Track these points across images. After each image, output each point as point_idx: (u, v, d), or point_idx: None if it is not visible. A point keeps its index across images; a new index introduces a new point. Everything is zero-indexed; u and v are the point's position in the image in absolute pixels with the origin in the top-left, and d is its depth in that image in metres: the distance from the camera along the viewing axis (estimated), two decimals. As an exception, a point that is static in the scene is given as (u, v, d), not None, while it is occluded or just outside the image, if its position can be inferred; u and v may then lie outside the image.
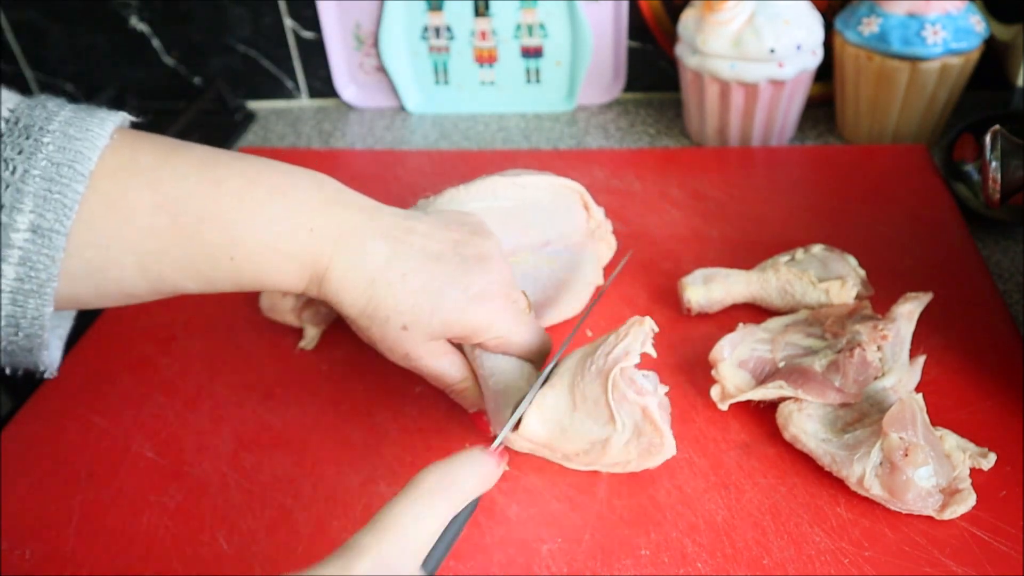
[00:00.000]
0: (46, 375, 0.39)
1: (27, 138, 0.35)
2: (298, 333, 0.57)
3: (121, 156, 0.37)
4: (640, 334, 0.43)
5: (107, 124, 0.37)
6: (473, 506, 0.37)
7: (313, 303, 0.57)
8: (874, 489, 0.42)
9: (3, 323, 0.35)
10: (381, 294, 0.42)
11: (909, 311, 0.50)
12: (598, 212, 0.57)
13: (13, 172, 0.34)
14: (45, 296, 0.35)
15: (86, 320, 0.60)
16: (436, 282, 0.43)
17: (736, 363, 0.49)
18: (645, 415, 0.42)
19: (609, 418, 0.43)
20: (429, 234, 0.44)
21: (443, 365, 0.46)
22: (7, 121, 0.35)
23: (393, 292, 0.42)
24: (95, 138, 0.36)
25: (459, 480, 0.35)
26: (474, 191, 0.53)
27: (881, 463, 0.42)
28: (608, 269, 0.59)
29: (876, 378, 0.47)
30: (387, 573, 0.31)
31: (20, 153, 0.34)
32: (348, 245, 0.42)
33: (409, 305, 0.42)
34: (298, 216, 0.41)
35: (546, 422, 0.44)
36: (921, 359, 0.49)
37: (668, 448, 0.43)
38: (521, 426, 0.44)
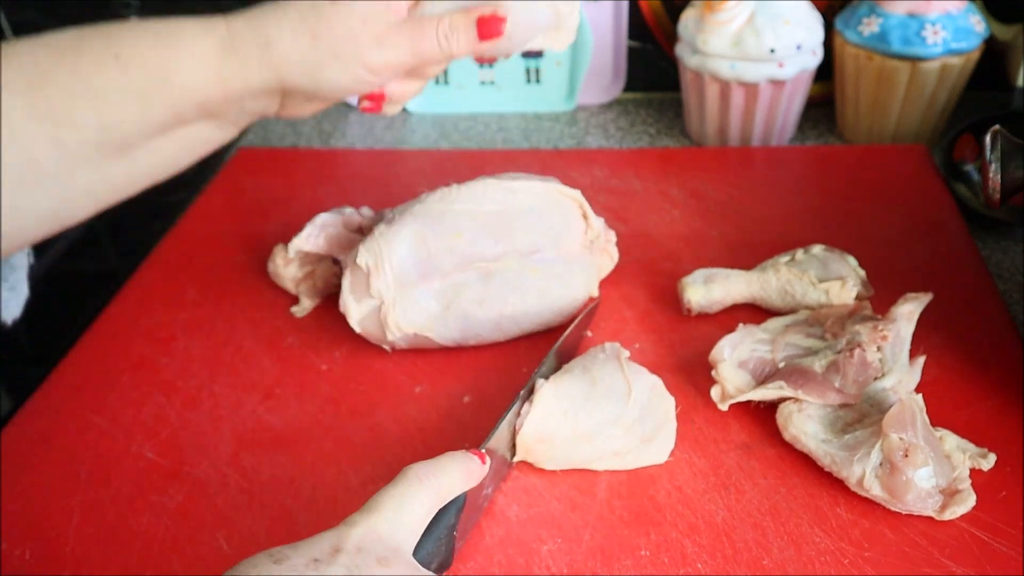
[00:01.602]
0: None
1: None
2: (298, 334, 0.57)
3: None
4: None
5: None
6: (461, 503, 0.38)
7: (311, 276, 0.58)
8: (874, 490, 0.42)
9: None
10: (288, 6, 0.40)
11: (909, 311, 0.50)
12: (597, 222, 0.56)
13: None
14: None
15: (86, 320, 0.60)
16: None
17: (736, 363, 0.49)
18: (655, 390, 0.46)
19: (626, 391, 0.46)
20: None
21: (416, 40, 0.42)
22: None
23: (295, 4, 0.40)
24: None
25: (444, 472, 0.36)
26: (464, 192, 0.53)
27: (881, 464, 0.42)
28: (604, 284, 0.58)
29: (876, 379, 0.47)
30: (378, 543, 0.32)
31: None
32: (236, 16, 0.40)
33: None
34: (182, 20, 0.39)
35: (561, 397, 0.46)
36: (921, 360, 0.49)
37: (669, 432, 0.45)
38: (536, 397, 0.45)
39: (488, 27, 0.42)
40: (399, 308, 0.51)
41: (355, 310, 0.52)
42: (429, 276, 0.51)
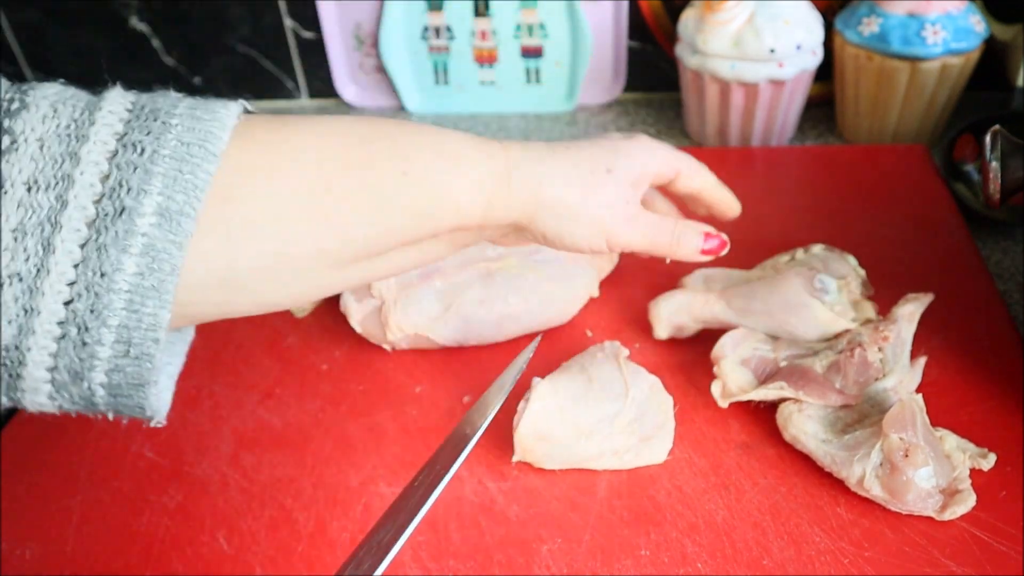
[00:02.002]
0: (153, 422, 0.35)
1: (155, 120, 0.32)
2: (298, 334, 0.57)
3: (259, 125, 0.35)
4: None
5: (232, 106, 0.34)
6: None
7: None
8: (874, 490, 0.42)
9: (113, 338, 0.31)
10: (570, 152, 0.42)
11: (910, 312, 0.50)
12: None
13: (141, 153, 0.31)
14: (165, 296, 0.31)
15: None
16: (603, 139, 0.45)
17: (738, 361, 0.49)
18: (653, 389, 0.47)
19: (623, 390, 0.46)
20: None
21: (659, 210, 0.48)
22: (130, 111, 0.32)
23: (573, 151, 0.42)
24: (224, 118, 0.33)
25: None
26: None
27: (881, 464, 0.42)
28: (604, 284, 0.58)
29: (877, 379, 0.47)
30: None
31: (148, 134, 0.31)
32: (514, 145, 0.41)
33: (597, 151, 0.43)
34: (463, 136, 0.40)
35: (557, 395, 0.46)
36: (922, 360, 0.49)
37: (667, 431, 0.46)
38: (532, 395, 0.46)
39: (713, 242, 0.47)
40: (400, 308, 0.51)
41: (356, 310, 0.52)
42: (430, 276, 0.52)
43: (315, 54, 0.88)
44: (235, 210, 0.33)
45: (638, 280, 0.59)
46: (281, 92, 0.92)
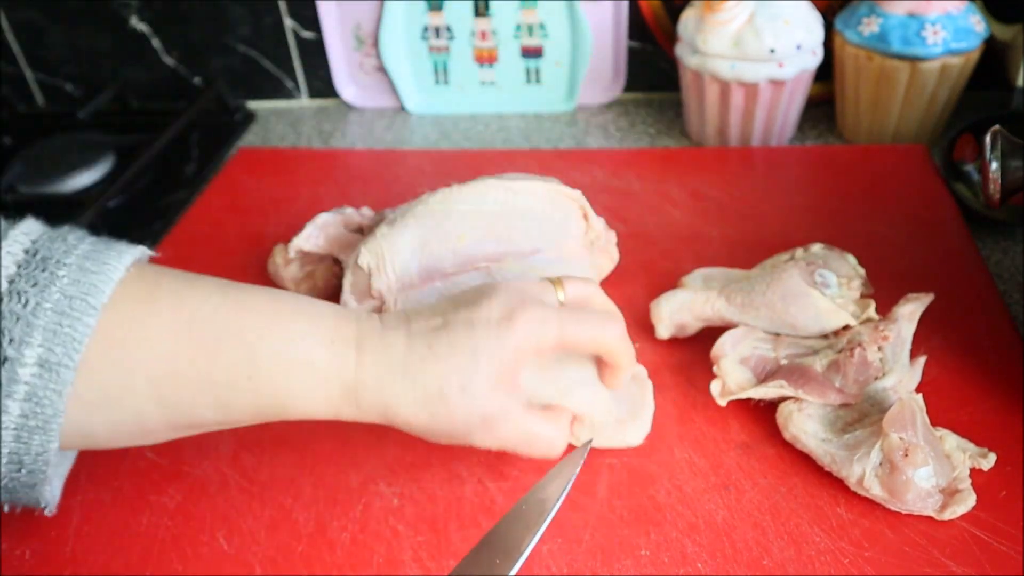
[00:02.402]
0: (46, 512, 0.39)
1: (43, 271, 0.34)
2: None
3: (141, 284, 0.37)
4: None
5: (124, 257, 0.37)
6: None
7: (311, 276, 0.58)
8: (874, 489, 0.42)
9: (4, 460, 0.35)
10: (420, 374, 0.39)
11: (910, 312, 0.50)
12: (597, 223, 0.56)
13: (25, 305, 0.34)
14: (51, 432, 0.35)
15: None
16: (459, 334, 0.39)
17: (738, 360, 0.49)
18: (635, 378, 0.48)
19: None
20: (431, 309, 0.42)
21: (530, 422, 0.41)
22: (26, 253, 0.35)
23: (429, 365, 0.39)
24: (111, 271, 0.36)
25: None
26: (466, 192, 0.53)
27: (881, 463, 0.42)
28: (604, 284, 0.58)
29: (876, 378, 0.47)
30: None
31: (34, 286, 0.34)
32: (370, 345, 0.39)
33: (451, 366, 0.39)
34: (319, 330, 0.39)
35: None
36: (921, 360, 0.49)
37: (646, 416, 0.47)
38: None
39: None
40: (399, 308, 0.51)
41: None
42: (430, 277, 0.51)
43: (315, 54, 0.88)
44: (93, 382, 0.35)
45: (638, 280, 0.59)
46: (281, 92, 0.92)
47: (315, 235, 0.57)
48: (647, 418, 0.47)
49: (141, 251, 0.38)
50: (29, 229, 0.36)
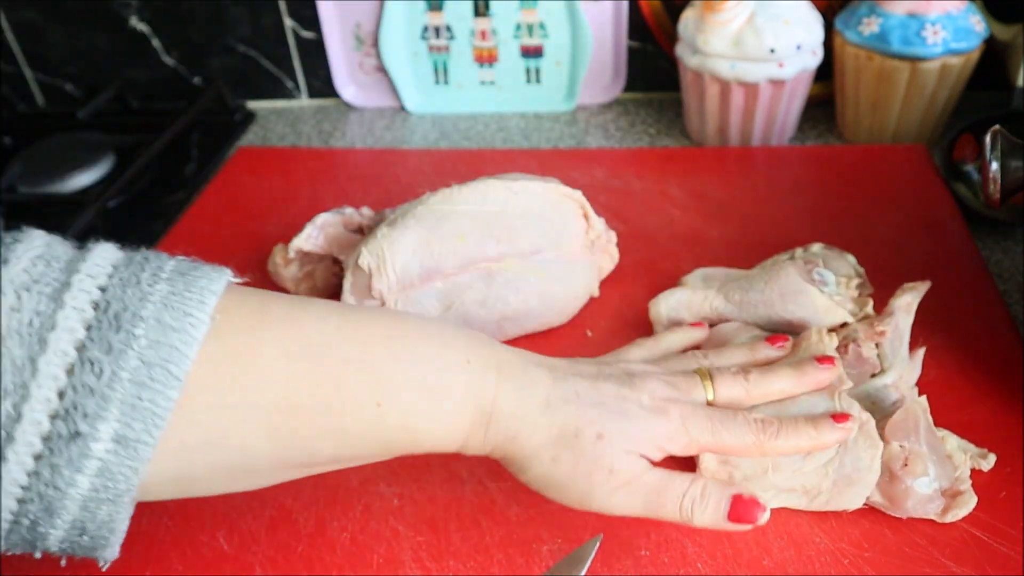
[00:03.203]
0: (102, 568, 0.35)
1: (117, 331, 0.30)
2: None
3: (245, 311, 0.34)
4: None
5: (207, 298, 0.32)
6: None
7: (311, 276, 0.58)
8: (874, 497, 0.42)
9: (67, 526, 0.31)
10: (561, 412, 0.37)
11: (907, 303, 0.50)
12: (598, 223, 0.56)
13: (100, 376, 0.29)
14: (121, 505, 0.31)
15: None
16: (609, 395, 0.38)
17: None
18: (864, 429, 0.41)
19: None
20: (573, 362, 0.40)
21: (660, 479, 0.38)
22: (96, 308, 0.30)
23: (572, 408, 0.37)
24: (193, 327, 0.31)
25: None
26: (466, 192, 0.53)
27: (880, 472, 0.42)
28: (604, 284, 0.58)
29: (875, 375, 0.47)
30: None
31: (108, 352, 0.30)
32: (511, 372, 0.37)
33: (596, 414, 0.37)
34: (452, 352, 0.36)
35: None
36: (921, 352, 0.49)
37: (871, 476, 0.41)
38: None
39: (744, 510, 0.37)
40: (400, 309, 0.51)
41: None
42: (431, 277, 0.51)
43: (315, 54, 0.88)
44: (196, 424, 0.32)
45: (638, 280, 0.59)
46: (281, 92, 0.92)
47: (315, 235, 0.57)
48: (870, 482, 0.41)
49: (225, 281, 0.34)
50: (100, 262, 0.31)
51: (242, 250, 0.65)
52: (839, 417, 0.40)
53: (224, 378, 0.32)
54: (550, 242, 0.54)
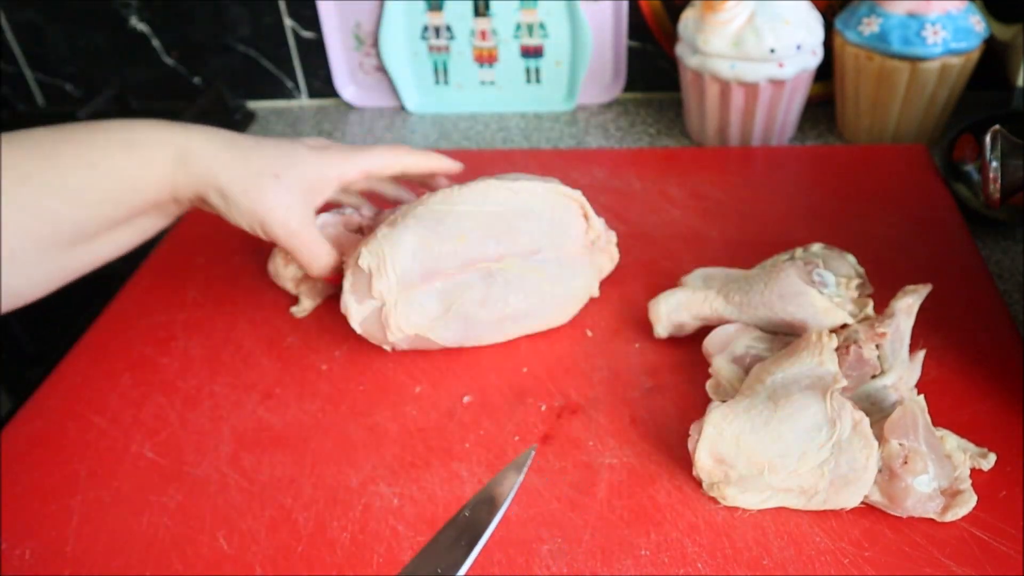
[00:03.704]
0: None
1: None
2: (298, 334, 0.57)
3: None
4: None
5: None
6: None
7: (312, 278, 0.58)
8: (873, 496, 0.42)
9: None
10: (248, 148, 0.49)
11: (908, 305, 0.50)
12: (598, 223, 0.56)
13: None
14: None
15: (86, 320, 0.60)
16: (284, 144, 0.51)
17: (730, 358, 0.49)
18: (858, 429, 0.42)
19: (823, 426, 0.42)
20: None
21: (314, 238, 0.52)
22: None
23: (255, 150, 0.49)
24: None
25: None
26: (466, 192, 0.53)
27: (880, 470, 0.42)
28: (604, 284, 0.58)
29: (875, 376, 0.47)
30: None
31: None
32: (195, 128, 0.49)
33: (277, 154, 0.50)
34: (145, 123, 0.48)
35: (737, 417, 0.43)
36: (921, 354, 0.49)
37: (868, 476, 0.41)
38: (707, 419, 0.43)
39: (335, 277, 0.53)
40: (400, 309, 0.51)
41: (356, 311, 0.52)
42: (431, 277, 0.51)
43: (315, 54, 0.88)
44: None
45: (638, 280, 0.59)
46: (281, 92, 0.92)
47: None
48: (867, 481, 0.41)
49: None
50: None
51: (242, 250, 0.65)
52: None
53: None
54: (550, 242, 0.54)
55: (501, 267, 0.52)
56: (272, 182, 0.49)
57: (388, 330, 0.51)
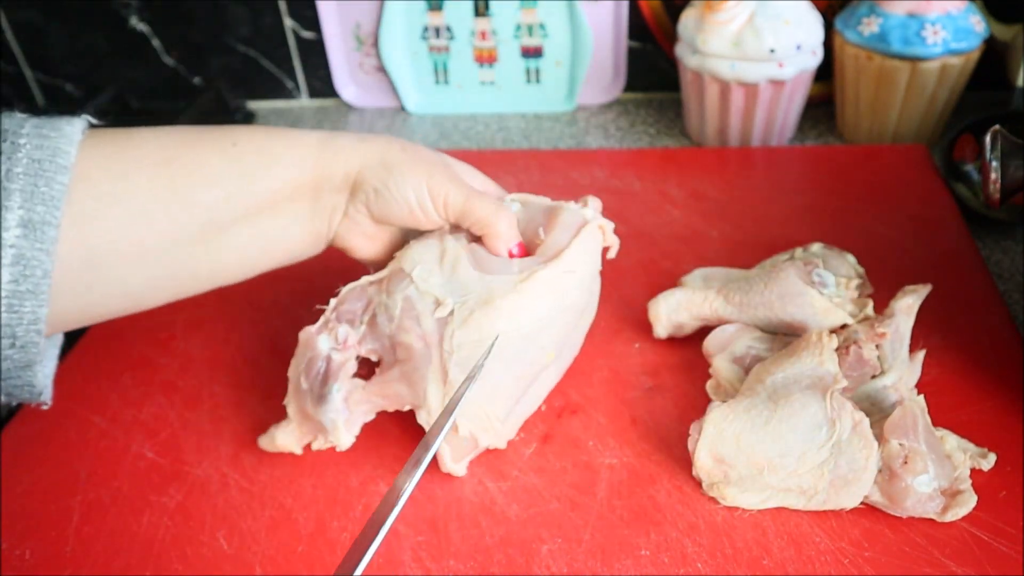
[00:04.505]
0: (43, 402, 0.40)
1: (3, 141, 0.35)
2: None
3: (106, 137, 0.39)
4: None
5: (76, 123, 0.38)
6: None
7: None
8: (873, 496, 0.42)
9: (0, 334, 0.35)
10: (395, 139, 0.46)
11: (908, 305, 0.50)
12: (592, 209, 0.51)
13: None
14: (41, 296, 0.35)
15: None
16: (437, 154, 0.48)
17: (731, 358, 0.49)
18: (858, 429, 0.42)
19: (823, 426, 0.42)
20: None
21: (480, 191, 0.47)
22: None
23: (384, 139, 0.47)
24: (70, 134, 0.37)
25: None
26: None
27: (880, 470, 0.42)
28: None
29: (875, 376, 0.47)
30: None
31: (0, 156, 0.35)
32: (347, 132, 0.47)
33: (424, 152, 0.47)
34: (290, 133, 0.45)
35: (738, 417, 0.43)
36: (921, 354, 0.49)
37: (867, 476, 0.41)
38: (707, 418, 0.43)
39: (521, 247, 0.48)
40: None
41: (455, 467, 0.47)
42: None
43: (315, 54, 0.88)
44: (87, 197, 0.37)
45: (638, 280, 0.59)
46: (281, 92, 0.92)
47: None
48: (867, 481, 0.41)
49: (87, 119, 0.40)
50: None
51: (242, 250, 0.65)
52: None
53: (106, 166, 0.38)
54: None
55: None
56: (426, 149, 0.47)
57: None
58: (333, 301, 0.48)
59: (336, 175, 0.45)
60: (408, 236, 0.49)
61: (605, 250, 0.51)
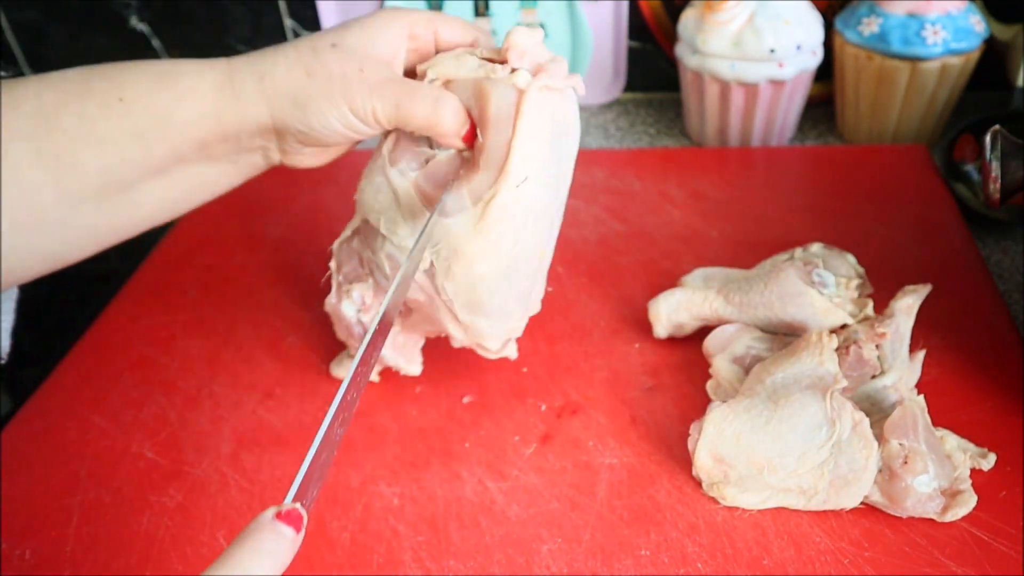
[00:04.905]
0: None
1: None
2: (298, 334, 0.57)
3: None
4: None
5: None
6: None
7: None
8: (873, 496, 0.42)
9: None
10: (292, 44, 0.41)
11: (908, 305, 0.50)
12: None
13: None
14: None
15: (86, 320, 0.60)
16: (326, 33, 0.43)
17: (731, 358, 0.49)
18: (858, 429, 0.42)
19: (823, 426, 0.42)
20: None
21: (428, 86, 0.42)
22: None
23: (299, 40, 0.42)
24: None
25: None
26: None
27: (880, 470, 0.42)
28: (604, 284, 0.58)
29: (875, 376, 0.47)
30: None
31: None
32: (243, 55, 0.42)
33: (333, 29, 0.42)
34: (181, 63, 0.41)
35: (738, 416, 0.43)
36: (921, 354, 0.49)
37: (867, 476, 0.41)
38: (707, 418, 0.43)
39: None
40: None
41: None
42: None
43: (315, 54, 0.88)
44: None
45: (638, 280, 0.59)
46: (281, 92, 0.91)
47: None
48: (867, 481, 0.41)
49: None
50: None
51: (242, 250, 0.65)
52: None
53: None
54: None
55: None
56: (331, 53, 0.41)
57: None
58: (332, 264, 0.49)
59: (248, 125, 0.41)
60: None
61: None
